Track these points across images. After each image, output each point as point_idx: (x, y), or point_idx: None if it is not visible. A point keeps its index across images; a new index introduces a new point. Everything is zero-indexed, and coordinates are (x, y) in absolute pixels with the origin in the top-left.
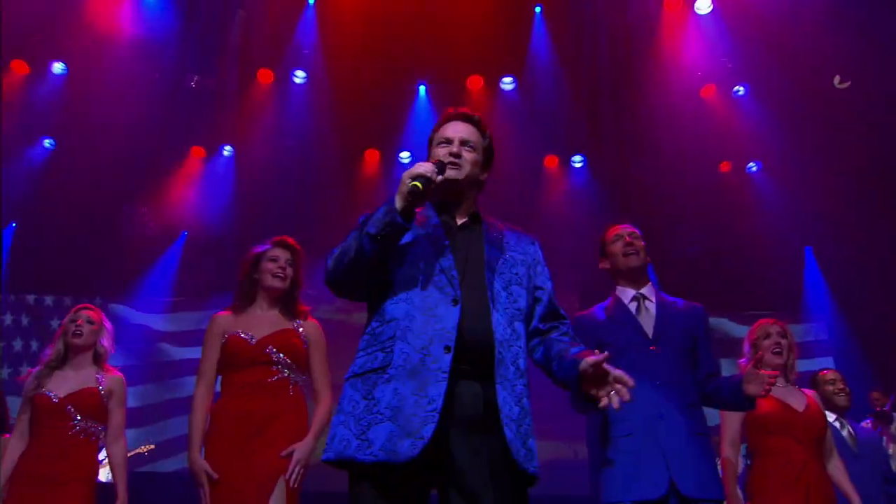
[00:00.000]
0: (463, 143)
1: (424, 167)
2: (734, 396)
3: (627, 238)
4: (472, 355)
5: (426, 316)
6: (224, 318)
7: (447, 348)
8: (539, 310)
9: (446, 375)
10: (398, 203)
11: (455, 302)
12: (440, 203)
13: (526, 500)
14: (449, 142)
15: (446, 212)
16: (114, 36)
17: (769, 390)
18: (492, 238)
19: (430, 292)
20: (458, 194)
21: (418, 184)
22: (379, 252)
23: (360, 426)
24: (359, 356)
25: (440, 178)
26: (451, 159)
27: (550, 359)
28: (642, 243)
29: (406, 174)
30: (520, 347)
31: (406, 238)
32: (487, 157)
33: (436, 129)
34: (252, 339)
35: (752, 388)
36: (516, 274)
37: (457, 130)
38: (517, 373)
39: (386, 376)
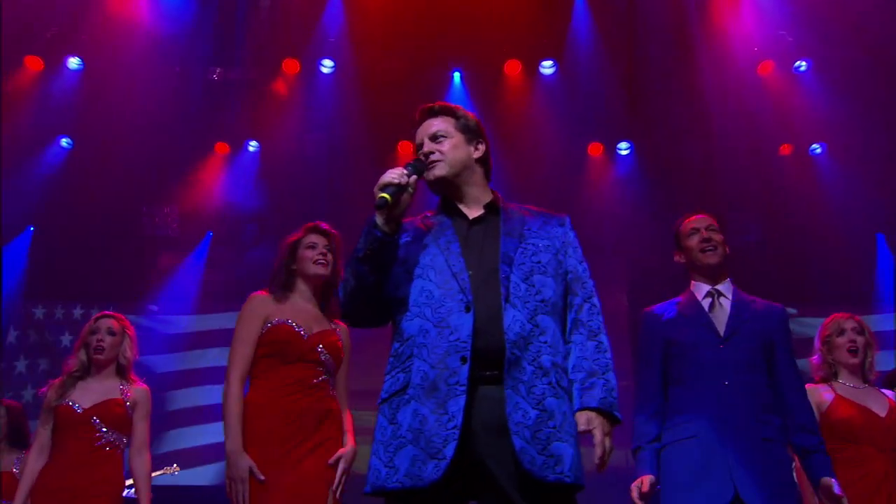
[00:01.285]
0: (433, 138)
1: (392, 174)
2: (812, 482)
3: (704, 232)
4: (490, 360)
5: (439, 328)
6: (265, 299)
7: (463, 359)
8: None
9: (465, 388)
10: (378, 218)
11: (468, 308)
12: (447, 201)
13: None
14: (421, 145)
15: (456, 209)
16: (131, 28)
17: None
18: (510, 227)
19: (443, 302)
20: (456, 186)
21: (386, 195)
22: (373, 272)
23: (388, 453)
24: (385, 380)
25: (414, 178)
26: (430, 159)
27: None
28: (720, 237)
29: (376, 186)
30: (543, 343)
31: (415, 250)
32: (470, 133)
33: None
34: (304, 333)
35: None
36: (538, 262)
37: (424, 130)
38: (537, 372)
39: (406, 397)
